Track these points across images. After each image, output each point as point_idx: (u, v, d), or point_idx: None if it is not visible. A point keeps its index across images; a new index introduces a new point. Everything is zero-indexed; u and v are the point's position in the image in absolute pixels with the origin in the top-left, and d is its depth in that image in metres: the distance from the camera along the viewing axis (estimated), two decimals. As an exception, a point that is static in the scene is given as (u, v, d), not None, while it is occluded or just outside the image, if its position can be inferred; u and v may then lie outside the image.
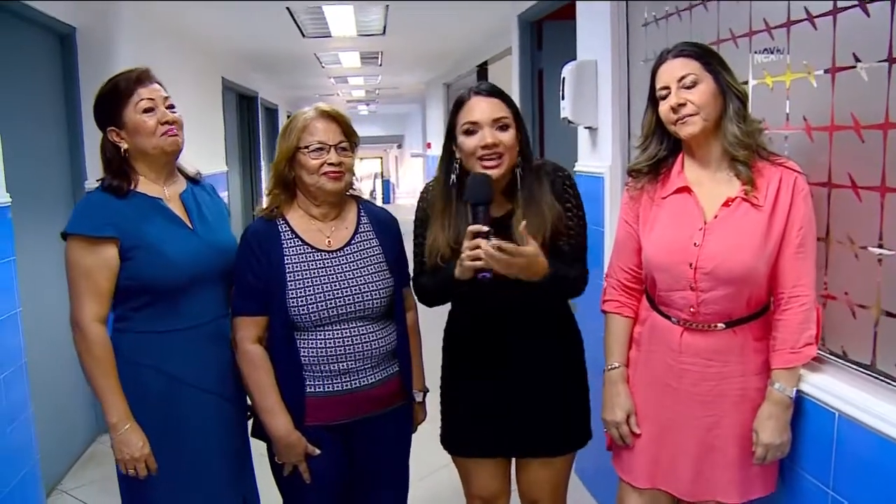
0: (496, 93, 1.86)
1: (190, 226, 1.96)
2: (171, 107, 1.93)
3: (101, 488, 3.45)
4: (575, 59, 3.22)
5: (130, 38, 4.12)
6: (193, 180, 2.09)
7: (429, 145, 11.84)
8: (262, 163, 8.87)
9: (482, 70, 7.18)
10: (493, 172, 1.79)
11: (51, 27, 3.58)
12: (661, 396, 1.83)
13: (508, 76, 5.89)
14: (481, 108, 1.81)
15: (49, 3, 3.44)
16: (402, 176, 25.47)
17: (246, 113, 8.08)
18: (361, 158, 23.40)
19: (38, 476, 2.74)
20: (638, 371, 1.90)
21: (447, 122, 1.89)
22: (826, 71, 1.72)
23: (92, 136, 3.80)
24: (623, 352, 1.91)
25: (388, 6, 4.78)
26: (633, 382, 1.90)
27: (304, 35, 5.71)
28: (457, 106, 1.86)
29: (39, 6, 3.34)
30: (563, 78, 3.13)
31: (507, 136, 1.81)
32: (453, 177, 1.88)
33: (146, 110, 1.88)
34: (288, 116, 12.25)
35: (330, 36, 5.85)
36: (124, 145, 1.89)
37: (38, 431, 2.72)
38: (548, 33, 4.61)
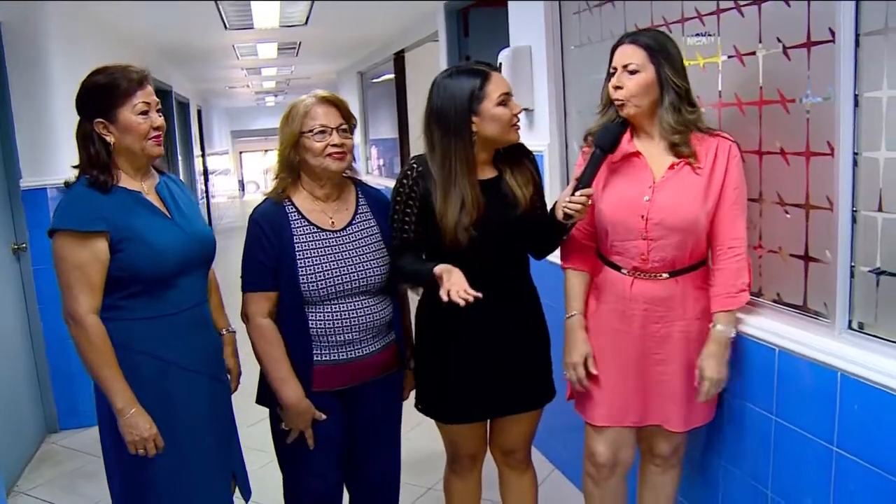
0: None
1: (169, 216, 2.02)
2: (159, 110, 1.98)
3: (58, 487, 3.43)
4: (501, 45, 3.41)
5: (57, 34, 4.02)
6: (160, 171, 2.14)
7: (343, 133, 11.81)
8: (179, 158, 8.72)
9: (399, 58, 7.28)
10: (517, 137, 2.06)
11: (-25, 23, 3.48)
12: (615, 341, 2.06)
13: (425, 63, 6.02)
14: (505, 84, 2.02)
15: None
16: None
17: (161, 108, 7.88)
18: (266, 151, 23.03)
19: (0, 479, 2.73)
20: (595, 320, 2.12)
21: (464, 99, 1.97)
22: (738, 54, 1.97)
23: (25, 134, 3.78)
24: (580, 302, 2.13)
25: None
26: (591, 330, 2.12)
27: (226, 27, 5.68)
28: (483, 81, 1.98)
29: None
30: (500, 63, 3.32)
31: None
32: (474, 149, 2.01)
33: (142, 113, 1.92)
34: (199, 111, 12.06)
35: (252, 28, 5.84)
36: (111, 139, 1.92)
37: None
38: (473, 20, 4.78)
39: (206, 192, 12.44)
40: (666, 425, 2.04)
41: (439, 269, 1.90)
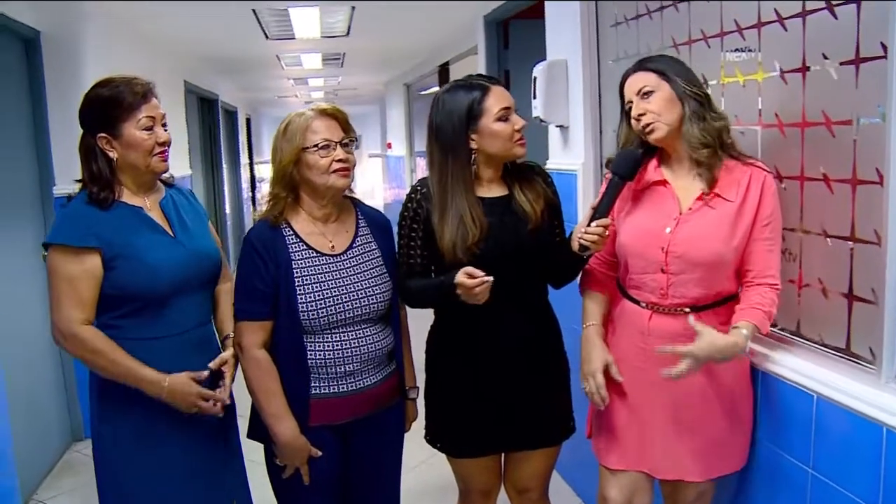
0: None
1: (171, 234, 1.95)
2: (164, 124, 1.93)
3: (78, 497, 3.41)
4: (541, 57, 3.28)
5: (96, 43, 4.06)
6: (169, 185, 2.08)
7: (389, 145, 11.83)
8: (224, 165, 8.80)
9: (444, 70, 7.21)
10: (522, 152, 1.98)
11: (15, 31, 3.51)
12: (630, 378, 1.91)
13: (471, 76, 5.94)
14: (506, 97, 1.93)
15: (12, 8, 3.38)
16: (359, 176, 25.42)
17: (207, 116, 8.01)
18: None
19: (16, 487, 2.68)
20: (611, 354, 1.96)
21: (462, 115, 1.91)
22: (795, 70, 1.80)
23: (59, 142, 3.79)
24: (598, 315, 1.98)
25: (353, 7, 4.78)
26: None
27: (267, 37, 5.68)
28: (482, 96, 1.90)
29: (3, 10, 3.28)
30: (535, 78, 3.19)
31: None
32: (474, 168, 1.94)
33: (146, 128, 1.87)
34: (247, 120, 12.20)
35: (293, 38, 5.83)
36: (114, 155, 1.87)
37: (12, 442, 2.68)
38: (514, 33, 4.68)
39: (254, 199, 12.57)
40: (685, 477, 1.87)
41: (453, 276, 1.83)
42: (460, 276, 1.80)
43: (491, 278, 1.78)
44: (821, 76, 1.73)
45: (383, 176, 13.53)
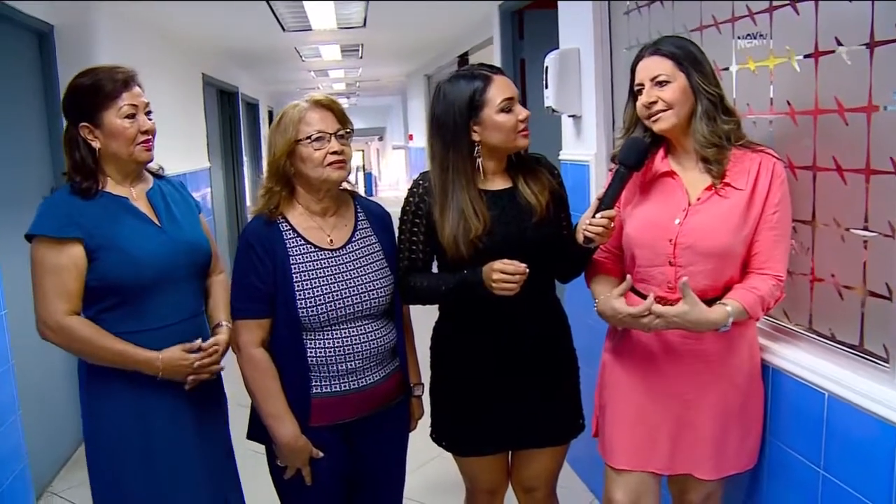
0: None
1: (158, 224, 1.91)
2: (148, 113, 1.88)
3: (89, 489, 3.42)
4: (557, 47, 3.22)
5: (109, 36, 4.07)
6: (158, 176, 2.04)
7: (410, 137, 11.80)
8: (245, 158, 8.82)
9: (463, 60, 7.16)
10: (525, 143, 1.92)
11: (28, 26, 3.52)
12: (639, 375, 1.86)
13: (490, 66, 5.89)
14: (509, 88, 1.87)
15: (26, 2, 3.38)
16: (383, 168, 25.48)
17: (227, 108, 8.02)
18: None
19: (28, 479, 2.72)
20: (617, 351, 1.92)
21: (463, 106, 1.85)
22: (807, 56, 1.73)
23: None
24: (605, 291, 1.86)
25: (368, -2, 4.76)
26: (612, 362, 1.94)
27: (284, 29, 5.67)
28: (484, 86, 1.85)
29: (16, 4, 3.28)
30: (546, 67, 3.13)
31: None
32: (479, 161, 1.89)
33: (128, 116, 1.82)
34: (269, 112, 12.22)
35: (310, 29, 5.81)
36: (97, 144, 1.83)
37: (26, 434, 2.70)
38: (529, 22, 4.61)
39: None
40: (695, 473, 1.82)
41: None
42: (498, 265, 1.76)
43: (526, 267, 1.74)
44: (833, 61, 1.66)
45: (406, 167, 13.52)
